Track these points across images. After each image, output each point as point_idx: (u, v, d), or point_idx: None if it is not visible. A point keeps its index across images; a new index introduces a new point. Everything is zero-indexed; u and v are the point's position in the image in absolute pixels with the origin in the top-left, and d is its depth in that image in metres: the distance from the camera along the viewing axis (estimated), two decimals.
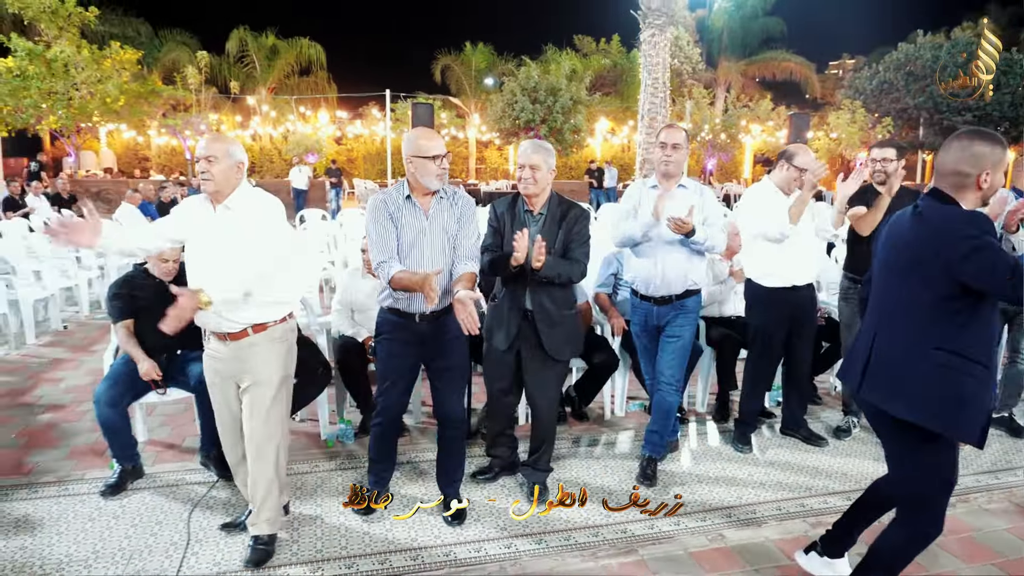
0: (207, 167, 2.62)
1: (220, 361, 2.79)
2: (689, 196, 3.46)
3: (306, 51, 26.76)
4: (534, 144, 3.18)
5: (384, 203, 2.93)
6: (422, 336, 2.97)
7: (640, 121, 12.04)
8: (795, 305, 3.83)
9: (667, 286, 3.47)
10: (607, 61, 27.53)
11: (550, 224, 3.15)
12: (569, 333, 3.26)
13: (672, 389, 3.54)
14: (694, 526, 3.15)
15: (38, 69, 15.52)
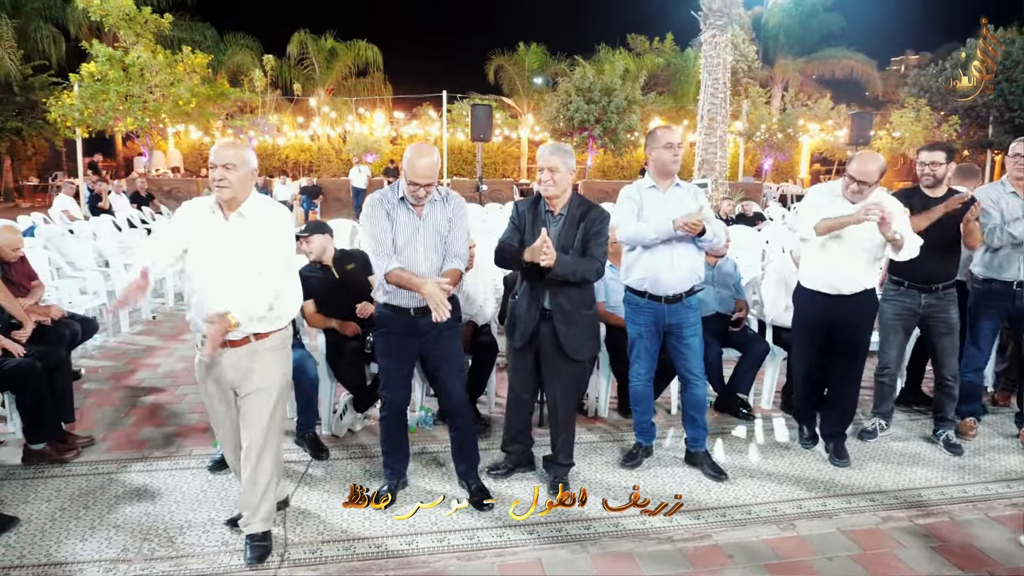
0: (225, 174, 2.59)
1: (218, 367, 2.77)
2: (686, 195, 3.55)
3: (363, 53, 27.34)
4: (552, 146, 3.26)
5: (380, 201, 3.07)
6: (417, 329, 3.09)
7: (699, 122, 12.03)
8: (839, 313, 3.67)
9: (678, 284, 3.53)
10: (660, 60, 27.36)
11: (569, 224, 3.22)
12: (587, 333, 3.33)
13: (701, 382, 3.66)
14: (766, 515, 3.27)
15: (117, 73, 16.30)
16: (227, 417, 2.91)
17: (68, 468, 3.63)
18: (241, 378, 2.78)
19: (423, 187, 2.96)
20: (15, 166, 23.70)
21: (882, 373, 4.16)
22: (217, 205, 2.70)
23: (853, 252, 3.62)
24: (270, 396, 2.81)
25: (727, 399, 4.60)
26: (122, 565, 2.79)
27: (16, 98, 20.24)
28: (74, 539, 2.97)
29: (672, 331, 3.62)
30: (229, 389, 2.83)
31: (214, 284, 2.65)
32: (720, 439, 4.16)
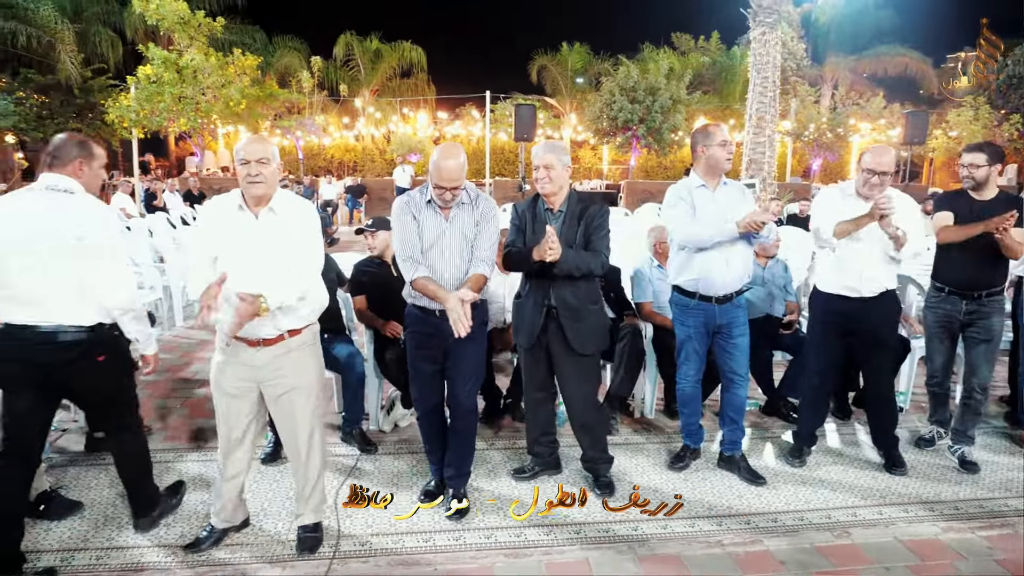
0: (260, 169, 2.55)
1: (249, 368, 2.73)
2: (735, 192, 3.50)
3: (408, 54, 27.61)
4: (546, 144, 3.24)
5: (407, 204, 3.04)
6: (441, 330, 3.00)
7: (747, 121, 11.81)
8: (860, 316, 3.57)
9: (731, 283, 3.47)
10: (706, 59, 26.98)
11: (570, 221, 3.20)
12: (594, 327, 3.29)
13: (745, 383, 3.61)
14: (819, 522, 3.19)
15: (171, 75, 16.78)
16: (240, 417, 2.81)
17: None
18: (275, 377, 2.75)
19: (449, 190, 2.91)
20: None
21: (931, 382, 4.02)
22: (244, 202, 2.64)
23: (871, 252, 3.51)
24: (310, 391, 2.83)
25: (775, 403, 4.51)
26: (179, 551, 2.87)
27: (76, 100, 21.03)
28: (134, 527, 3.07)
29: (722, 331, 3.56)
30: (255, 387, 2.78)
31: (247, 282, 2.55)
32: (769, 443, 4.09)
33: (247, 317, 2.49)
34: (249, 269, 2.59)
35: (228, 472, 2.88)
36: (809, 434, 3.87)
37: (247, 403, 2.81)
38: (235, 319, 2.48)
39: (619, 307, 4.50)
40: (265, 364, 2.72)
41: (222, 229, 2.65)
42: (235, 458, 2.87)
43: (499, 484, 3.50)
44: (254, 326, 2.60)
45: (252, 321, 2.54)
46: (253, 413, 2.84)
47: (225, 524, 2.96)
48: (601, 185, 21.06)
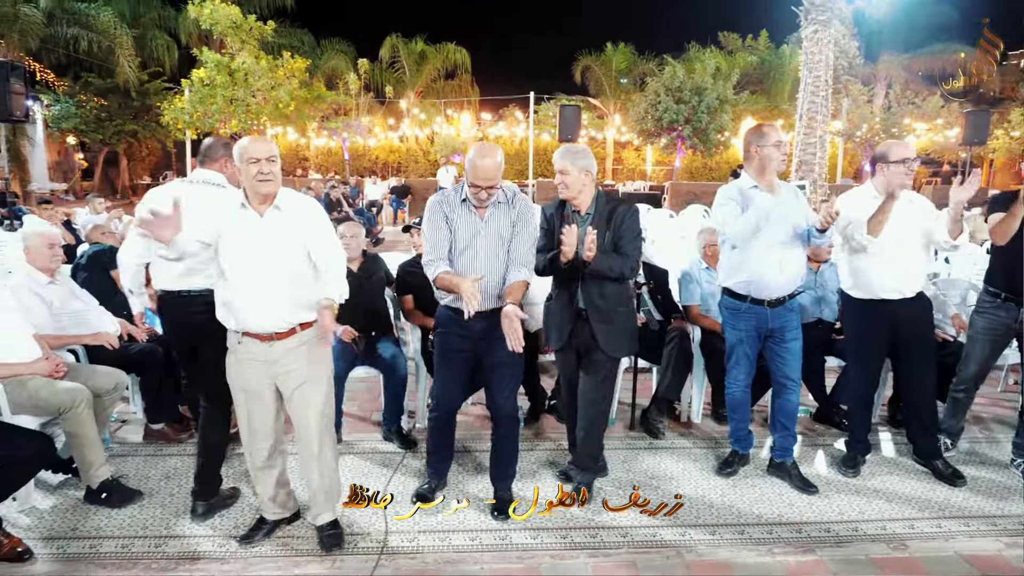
0: (271, 167, 2.57)
1: (262, 363, 2.74)
2: (789, 192, 3.39)
3: (452, 55, 27.81)
4: (562, 149, 3.18)
5: (440, 203, 3.01)
6: (476, 333, 2.99)
7: (798, 121, 11.56)
8: (897, 319, 3.47)
9: (784, 286, 3.39)
10: (754, 58, 26.49)
11: (598, 223, 3.12)
12: (623, 330, 3.23)
13: (798, 388, 3.52)
14: (874, 533, 3.10)
15: (223, 78, 17.24)
16: (262, 413, 2.84)
17: (184, 448, 3.86)
18: (289, 370, 2.75)
19: (485, 189, 2.88)
20: (131, 166, 25.46)
21: (958, 388, 3.86)
22: (247, 201, 2.64)
23: (907, 254, 3.44)
24: (322, 383, 2.84)
25: (828, 410, 4.40)
26: (233, 541, 2.94)
27: (133, 103, 21.79)
28: (190, 513, 3.16)
29: (774, 335, 3.49)
30: (272, 383, 2.79)
31: (253, 281, 2.62)
32: (820, 451, 3.99)
33: (331, 324, 2.62)
34: (255, 268, 2.62)
35: (256, 464, 2.92)
36: (862, 442, 3.76)
37: (267, 398, 2.82)
38: (325, 328, 2.62)
39: (666, 310, 4.45)
40: (279, 358, 2.73)
41: (223, 224, 2.64)
42: (259, 449, 2.89)
43: (543, 485, 3.49)
44: (272, 321, 2.68)
45: (266, 316, 2.66)
46: (274, 407, 2.86)
47: (275, 516, 3.01)
48: (644, 186, 20.87)
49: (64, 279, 3.94)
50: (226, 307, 2.71)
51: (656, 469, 3.71)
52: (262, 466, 2.92)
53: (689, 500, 3.37)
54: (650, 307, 4.36)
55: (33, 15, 17.65)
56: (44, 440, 2.97)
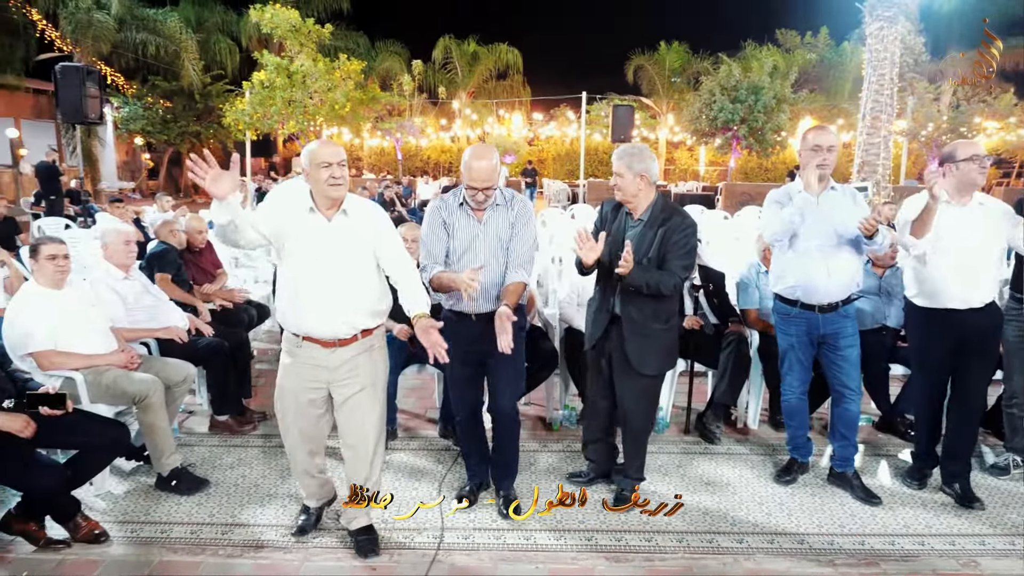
0: (342, 172, 2.56)
1: (321, 370, 2.73)
2: (843, 198, 3.25)
3: (504, 56, 27.92)
4: (620, 150, 3.09)
5: (439, 209, 3.00)
6: (479, 334, 2.95)
7: (861, 121, 11.18)
8: (963, 331, 3.26)
9: (834, 292, 3.27)
10: (813, 56, 25.80)
11: (646, 231, 3.01)
12: (658, 347, 3.09)
13: (857, 397, 3.40)
14: (942, 548, 3.00)
15: (282, 80, 17.70)
16: (313, 419, 2.85)
17: (247, 439, 3.99)
18: (348, 377, 2.75)
19: (481, 190, 2.85)
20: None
21: (1010, 403, 3.68)
22: (315, 204, 2.63)
23: (982, 255, 3.23)
24: (378, 391, 2.83)
25: (892, 419, 4.26)
26: (291, 536, 3.03)
27: (197, 105, 22.58)
28: (254, 504, 3.27)
29: (827, 341, 3.39)
30: (326, 389, 2.79)
31: (323, 286, 2.63)
32: (884, 461, 3.87)
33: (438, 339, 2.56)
34: (322, 273, 2.62)
35: (301, 466, 2.95)
36: (927, 454, 3.62)
37: (319, 402, 2.82)
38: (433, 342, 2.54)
39: (723, 313, 4.38)
40: (340, 365, 2.73)
41: (292, 226, 2.63)
42: (306, 452, 2.92)
43: (598, 486, 3.49)
44: (334, 327, 2.66)
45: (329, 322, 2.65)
46: (324, 411, 2.87)
47: (318, 503, 3.08)
48: (697, 187, 20.56)
49: (137, 275, 4.12)
50: (289, 310, 2.71)
51: (712, 475, 3.66)
52: (307, 467, 2.96)
53: (746, 507, 3.32)
54: (706, 310, 4.30)
55: (106, 22, 18.47)
56: (120, 428, 3.11)
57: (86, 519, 2.97)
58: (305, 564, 2.82)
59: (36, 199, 11.83)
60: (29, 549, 2.88)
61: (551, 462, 3.75)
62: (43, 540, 2.89)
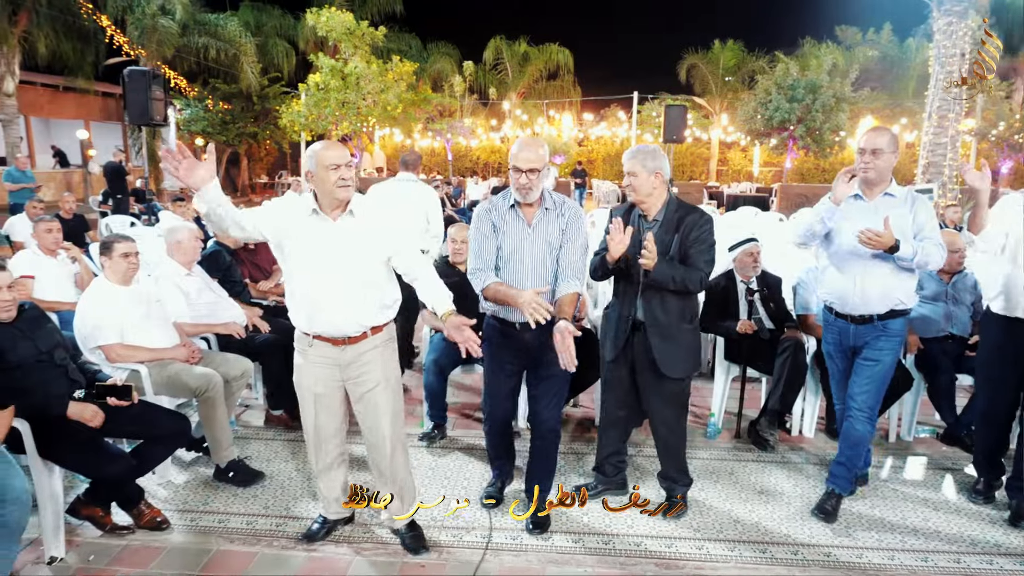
0: (349, 173, 2.55)
1: (334, 368, 2.75)
2: (900, 204, 3.04)
3: (555, 56, 27.90)
4: (632, 150, 3.01)
5: (488, 212, 2.92)
6: (524, 344, 2.91)
7: (926, 120, 10.76)
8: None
9: (866, 304, 3.09)
10: (874, 53, 24.98)
11: (665, 230, 2.95)
12: (686, 349, 3.03)
13: (864, 417, 3.16)
14: (1012, 569, 2.86)
15: (337, 82, 18.05)
16: (330, 417, 2.86)
17: (300, 434, 4.04)
18: (361, 374, 2.76)
19: (524, 172, 2.76)
20: (250, 166, 27.13)
21: None
22: (319, 207, 2.61)
23: None
24: (392, 386, 2.83)
25: (957, 431, 4.09)
26: (348, 527, 3.08)
27: (254, 107, 23.24)
28: (307, 497, 3.34)
29: (856, 353, 3.22)
30: (340, 389, 2.82)
31: (331, 286, 2.61)
32: (949, 475, 3.72)
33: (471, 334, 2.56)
34: (329, 273, 2.60)
35: (320, 465, 2.94)
36: (993, 466, 3.44)
37: (335, 399, 2.85)
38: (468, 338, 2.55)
39: (779, 319, 4.27)
40: (351, 362, 2.74)
41: (291, 228, 2.62)
42: (326, 451, 2.92)
43: (650, 489, 3.44)
44: (344, 325, 2.66)
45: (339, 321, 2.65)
46: (342, 409, 2.89)
47: (336, 516, 3.04)
48: (751, 188, 20.13)
49: (198, 271, 4.25)
50: (299, 310, 2.72)
51: (765, 483, 3.57)
52: (327, 468, 2.96)
53: (801, 518, 3.23)
54: (761, 315, 4.21)
55: (170, 27, 19.14)
56: (181, 420, 3.21)
57: (149, 506, 3.09)
58: (356, 559, 2.86)
59: (103, 198, 12.33)
60: (96, 533, 3.00)
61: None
62: (109, 525, 3.01)
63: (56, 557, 2.83)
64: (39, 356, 2.94)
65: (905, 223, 2.99)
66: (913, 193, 3.16)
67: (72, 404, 2.85)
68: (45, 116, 24.01)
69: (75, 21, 18.49)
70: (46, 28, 17.79)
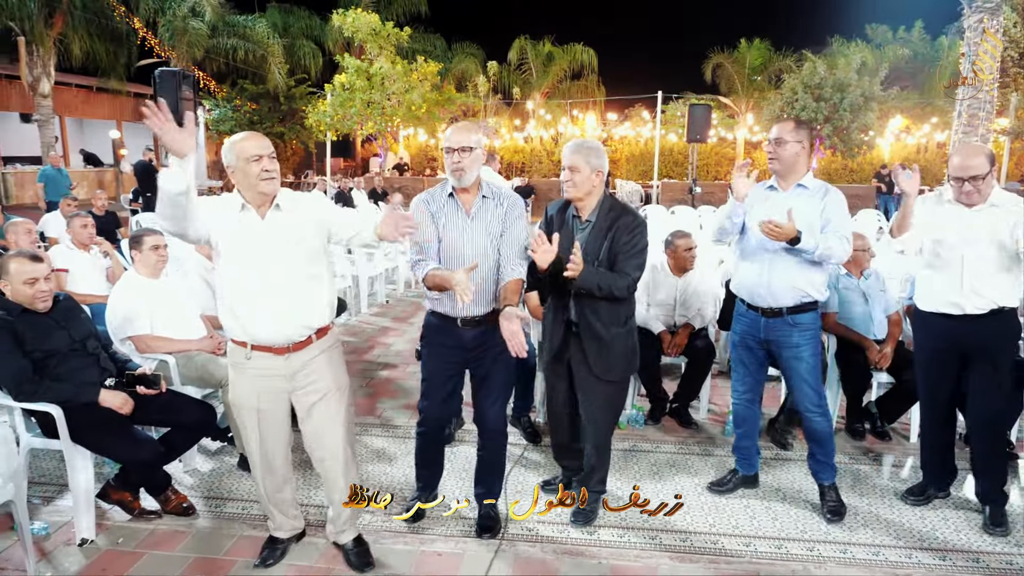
0: (272, 165, 2.38)
1: (276, 378, 2.54)
2: (807, 197, 3.00)
3: (579, 56, 27.83)
4: (574, 144, 2.88)
5: (426, 202, 2.80)
6: (466, 342, 2.80)
7: (956, 119, 10.58)
8: (962, 338, 3.02)
9: (774, 296, 3.05)
10: (905, 51, 24.55)
11: (596, 232, 2.84)
12: (619, 352, 2.93)
13: (816, 413, 3.13)
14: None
15: (362, 82, 18.24)
16: (275, 430, 2.65)
17: None
18: (309, 383, 2.58)
19: (457, 151, 2.65)
20: None
21: None
22: (246, 202, 2.43)
23: (976, 258, 2.94)
24: (342, 394, 2.68)
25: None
26: (366, 515, 3.13)
27: (281, 107, 23.55)
28: None
29: (772, 350, 3.18)
30: (285, 400, 2.62)
31: (265, 288, 2.43)
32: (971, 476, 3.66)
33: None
34: (262, 274, 2.43)
35: (270, 489, 2.75)
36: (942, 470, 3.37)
37: (281, 417, 2.65)
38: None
39: None
40: (297, 371, 2.54)
41: (226, 231, 2.43)
42: (275, 475, 2.73)
43: (663, 486, 3.46)
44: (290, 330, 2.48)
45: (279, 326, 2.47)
46: (288, 426, 2.70)
47: (288, 534, 2.87)
48: None
49: None
50: (233, 317, 2.51)
51: (784, 481, 3.56)
52: (278, 489, 2.77)
53: (819, 515, 3.22)
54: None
55: (200, 28, 19.48)
56: (207, 409, 3.30)
57: (176, 492, 3.18)
58: (375, 546, 2.91)
59: (134, 196, 12.59)
60: (124, 517, 3.10)
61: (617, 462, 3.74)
62: (137, 510, 3.11)
63: (87, 539, 2.93)
64: (73, 345, 3.05)
65: (815, 215, 2.96)
66: (827, 185, 3.08)
67: (103, 392, 2.96)
68: (79, 116, 24.58)
69: (108, 23, 18.91)
70: (81, 30, 18.20)
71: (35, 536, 2.91)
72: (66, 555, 2.86)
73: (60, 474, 3.40)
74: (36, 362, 2.92)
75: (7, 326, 2.89)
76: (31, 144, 19.32)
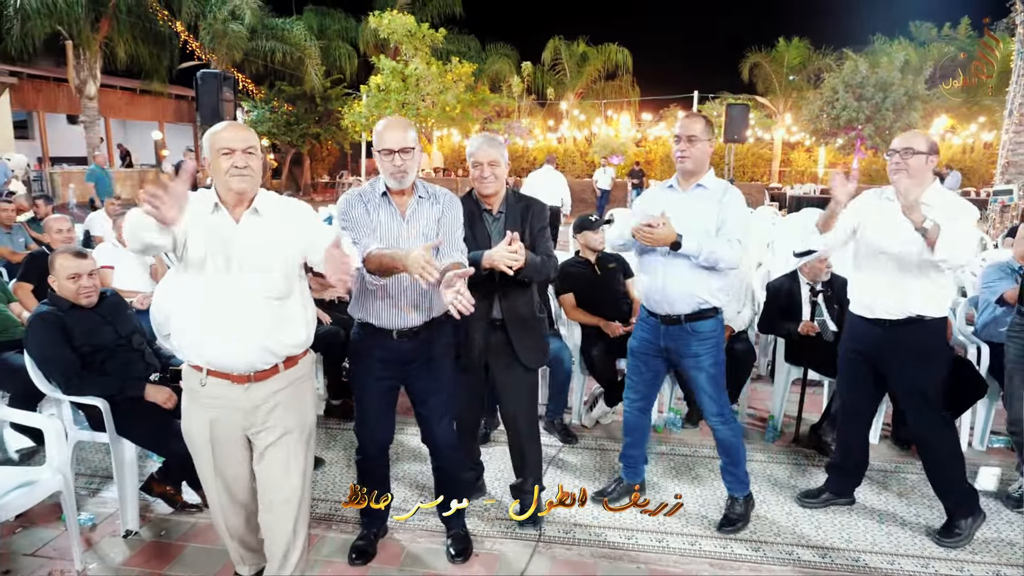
0: (247, 161, 2.08)
1: (235, 411, 2.22)
2: (706, 198, 2.87)
3: (613, 56, 27.68)
4: (487, 138, 2.83)
5: (360, 196, 2.57)
6: (401, 356, 2.60)
7: (1007, 117, 10.22)
8: (876, 343, 2.96)
9: (669, 303, 2.93)
10: (951, 49, 23.90)
11: (511, 223, 2.80)
12: (539, 338, 2.99)
13: (719, 421, 3.03)
14: None
15: (397, 83, 18.40)
16: (243, 468, 2.34)
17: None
18: (268, 420, 2.24)
19: (397, 153, 2.42)
20: (312, 166, 27.86)
21: (1012, 428, 3.29)
22: (220, 201, 2.14)
23: (893, 263, 2.84)
24: (304, 435, 2.34)
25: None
26: (403, 514, 3.13)
27: (317, 108, 23.87)
28: None
29: (671, 359, 3.08)
30: (242, 437, 2.28)
31: (230, 303, 2.13)
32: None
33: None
34: (229, 286, 2.12)
35: (235, 529, 2.44)
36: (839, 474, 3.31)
37: (240, 452, 2.31)
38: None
39: (844, 321, 4.14)
40: (257, 406, 2.22)
41: (194, 228, 2.10)
42: (238, 515, 2.43)
43: (703, 491, 3.40)
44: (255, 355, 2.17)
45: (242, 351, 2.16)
46: (248, 462, 2.34)
47: (251, 570, 2.58)
48: (815, 190, 19.53)
49: None
50: (186, 336, 2.20)
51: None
52: (240, 528, 2.46)
53: (864, 524, 3.14)
54: (825, 317, 4.09)
55: (239, 31, 19.86)
56: None
57: None
58: (411, 545, 2.92)
59: None
60: (167, 510, 3.16)
61: (659, 467, 3.69)
62: (180, 503, 3.16)
63: (131, 530, 2.99)
64: (119, 340, 3.11)
65: (711, 217, 2.85)
66: (727, 185, 2.95)
67: (148, 387, 3.01)
68: (123, 118, 25.24)
69: (152, 27, 19.41)
70: (126, 34, 18.71)
71: (81, 527, 2.97)
72: (111, 546, 2.92)
73: (106, 466, 3.48)
74: (84, 356, 3.00)
75: (57, 321, 2.96)
76: (77, 145, 19.90)
